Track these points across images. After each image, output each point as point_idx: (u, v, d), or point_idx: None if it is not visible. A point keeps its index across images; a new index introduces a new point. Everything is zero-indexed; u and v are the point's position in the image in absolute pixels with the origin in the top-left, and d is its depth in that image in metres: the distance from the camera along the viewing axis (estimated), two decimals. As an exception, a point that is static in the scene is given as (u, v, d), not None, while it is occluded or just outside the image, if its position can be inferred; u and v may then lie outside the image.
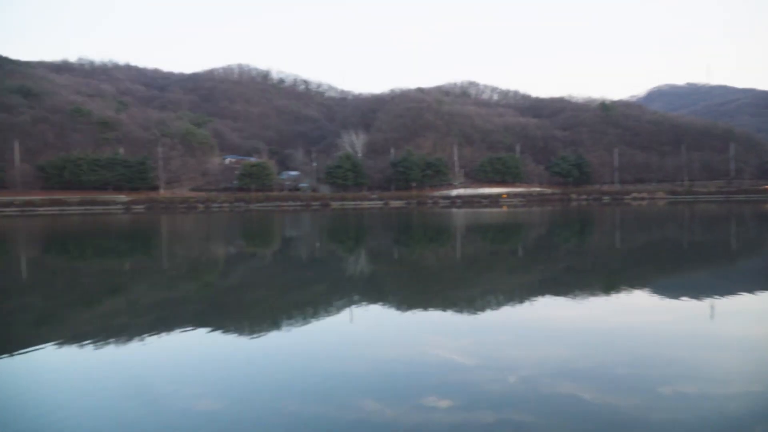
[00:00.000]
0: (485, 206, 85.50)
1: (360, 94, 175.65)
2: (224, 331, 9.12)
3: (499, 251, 22.68)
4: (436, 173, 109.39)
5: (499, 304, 11.12)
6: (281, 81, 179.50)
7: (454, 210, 70.44)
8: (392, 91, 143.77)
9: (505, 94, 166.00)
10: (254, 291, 13.78)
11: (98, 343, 8.41)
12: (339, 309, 10.89)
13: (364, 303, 11.43)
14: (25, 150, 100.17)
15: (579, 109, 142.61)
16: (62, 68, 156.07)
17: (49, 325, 10.22)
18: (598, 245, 24.40)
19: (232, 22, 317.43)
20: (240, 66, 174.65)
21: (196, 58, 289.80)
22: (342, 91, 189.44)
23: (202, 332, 9.10)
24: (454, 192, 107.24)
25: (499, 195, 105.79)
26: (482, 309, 10.62)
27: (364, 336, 8.70)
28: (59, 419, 5.41)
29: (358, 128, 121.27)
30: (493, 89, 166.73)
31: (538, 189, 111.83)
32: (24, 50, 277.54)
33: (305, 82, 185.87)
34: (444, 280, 14.91)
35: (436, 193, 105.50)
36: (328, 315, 10.33)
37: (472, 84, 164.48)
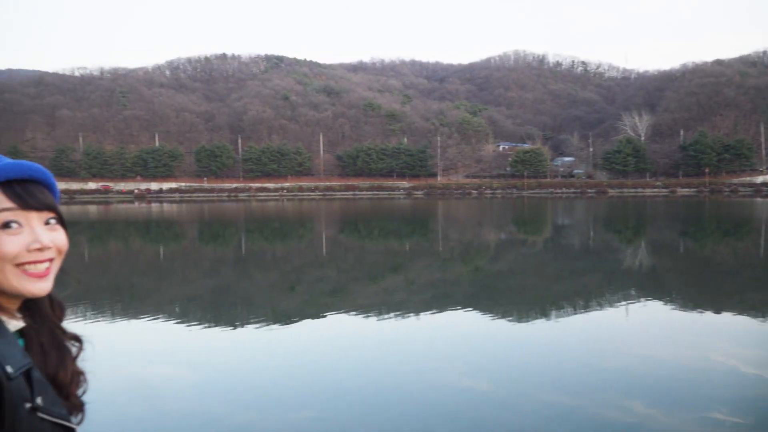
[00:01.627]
0: (802, 196, 71.83)
1: (645, 72, 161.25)
2: (492, 316, 9.36)
3: (818, 250, 18.94)
4: (736, 157, 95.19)
5: (813, 313, 9.33)
6: (558, 64, 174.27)
7: (759, 200, 60.66)
8: (683, 66, 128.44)
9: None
10: (523, 278, 13.82)
11: (380, 315, 9.36)
12: (611, 303, 10.32)
13: (640, 298, 10.63)
14: (327, 142, 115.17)
15: None
16: (358, 68, 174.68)
17: (341, 295, 11.70)
18: None
19: (509, 10, 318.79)
20: (516, 52, 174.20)
21: (473, 49, 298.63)
22: (624, 71, 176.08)
23: (470, 314, 9.48)
24: (760, 179, 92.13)
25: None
26: (790, 317, 9.04)
27: (638, 333, 8.11)
28: (344, 368, 6.21)
29: (641, 109, 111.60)
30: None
31: None
32: (328, 54, 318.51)
33: (583, 63, 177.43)
34: (742, 280, 13.03)
35: (736, 180, 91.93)
36: (599, 308, 9.87)
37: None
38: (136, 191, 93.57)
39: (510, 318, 9.21)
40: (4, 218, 1.01)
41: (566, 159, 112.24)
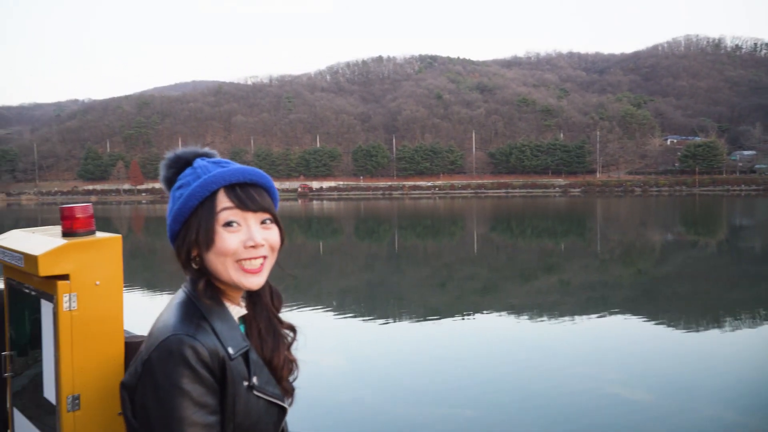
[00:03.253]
0: None
1: None
2: (654, 322, 8.78)
3: None
4: None
5: None
6: (737, 48, 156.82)
7: None
8: None
9: None
10: (692, 283, 12.75)
11: (532, 317, 9.18)
12: (798, 314, 9.19)
13: (835, 311, 9.35)
14: (480, 139, 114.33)
15: None
16: (512, 63, 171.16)
17: (491, 294, 11.63)
18: None
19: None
20: (687, 37, 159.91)
21: (638, 36, 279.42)
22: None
23: (629, 319, 8.96)
24: None
25: None
26: None
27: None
28: (492, 370, 6.21)
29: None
30: None
31: None
32: (482, 51, 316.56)
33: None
34: None
35: None
36: (783, 319, 8.84)
37: None
38: (299, 189, 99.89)
39: (674, 326, 8.58)
40: (225, 217, 1.13)
41: (746, 153, 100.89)
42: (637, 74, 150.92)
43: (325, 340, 7.83)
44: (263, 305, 1.28)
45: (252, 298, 1.27)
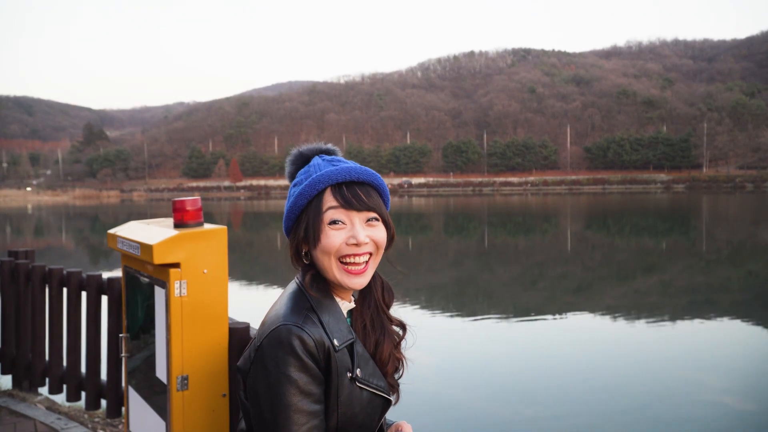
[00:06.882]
0: None
1: None
2: (765, 328, 8.19)
3: None
4: None
5: None
6: None
7: None
8: None
9: None
10: (811, 286, 11.76)
11: (629, 319, 8.80)
12: None
13: None
14: (575, 133, 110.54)
15: None
16: (611, 53, 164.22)
17: (584, 294, 11.25)
18: None
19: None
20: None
21: (752, 20, 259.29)
22: None
23: (738, 324, 8.41)
24: None
25: None
26: None
27: None
28: (583, 374, 6.03)
29: None
30: None
31: None
32: (578, 42, 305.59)
33: None
34: None
35: None
36: None
37: None
38: (389, 186, 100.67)
39: (790, 332, 7.96)
40: (330, 216, 1.15)
41: None
42: (750, 61, 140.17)
43: (414, 336, 7.87)
44: (373, 299, 1.29)
45: (362, 291, 1.28)
